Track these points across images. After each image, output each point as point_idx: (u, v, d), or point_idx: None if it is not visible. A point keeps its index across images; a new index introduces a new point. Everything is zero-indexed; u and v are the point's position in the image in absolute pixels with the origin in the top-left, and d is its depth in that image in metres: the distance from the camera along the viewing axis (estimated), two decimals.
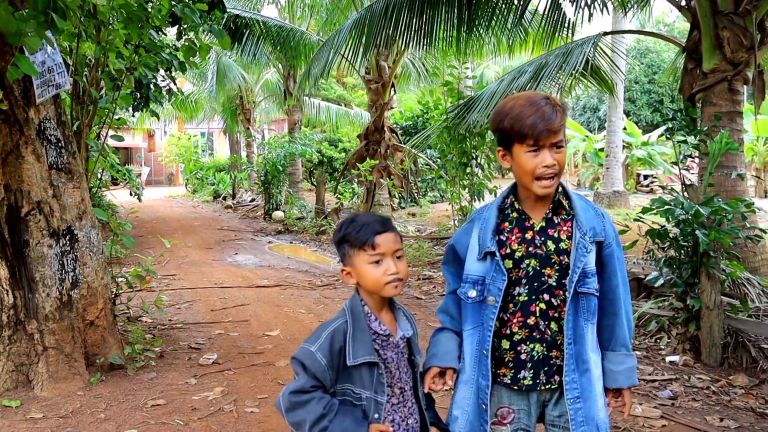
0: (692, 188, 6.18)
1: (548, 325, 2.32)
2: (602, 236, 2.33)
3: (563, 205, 2.36)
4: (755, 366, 5.56)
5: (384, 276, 2.23)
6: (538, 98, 2.27)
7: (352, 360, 2.18)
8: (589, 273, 2.29)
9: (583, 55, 8.79)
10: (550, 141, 2.25)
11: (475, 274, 2.38)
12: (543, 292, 2.32)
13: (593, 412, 2.30)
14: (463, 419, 2.38)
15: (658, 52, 36.10)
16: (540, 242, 2.32)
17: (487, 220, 2.40)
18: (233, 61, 23.13)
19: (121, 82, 6.03)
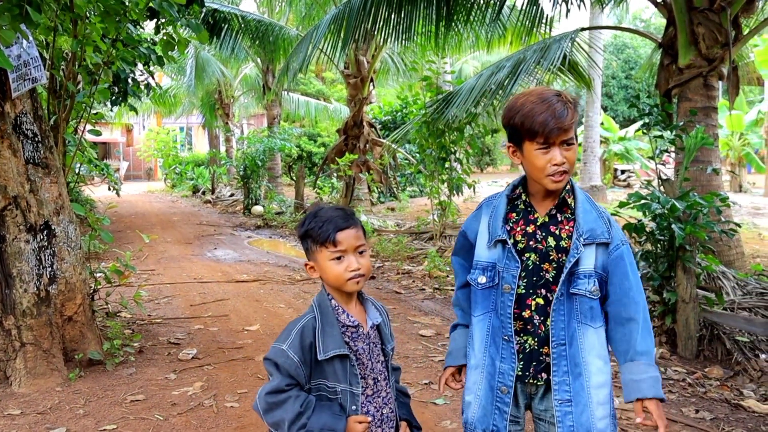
0: (668, 183, 6.24)
1: (543, 320, 2.31)
2: (604, 238, 2.29)
3: (568, 203, 2.35)
4: (730, 358, 5.63)
5: (345, 272, 2.23)
6: (550, 95, 2.26)
7: (322, 354, 2.18)
8: (581, 274, 2.28)
9: (561, 50, 8.84)
10: (561, 139, 2.23)
11: (485, 261, 2.39)
12: (540, 287, 2.32)
13: (585, 420, 2.26)
14: (476, 404, 2.39)
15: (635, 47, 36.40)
16: (541, 237, 2.33)
17: (497, 208, 2.41)
18: (212, 55, 23.04)
19: (99, 77, 5.99)
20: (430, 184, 11.68)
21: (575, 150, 2.28)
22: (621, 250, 2.32)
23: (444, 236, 11.61)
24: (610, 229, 2.33)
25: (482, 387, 2.38)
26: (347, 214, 2.32)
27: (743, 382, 5.25)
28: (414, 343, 6.25)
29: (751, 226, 14.27)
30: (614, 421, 2.33)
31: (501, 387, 2.33)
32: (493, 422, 2.34)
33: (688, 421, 4.45)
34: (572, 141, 2.26)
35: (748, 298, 6.33)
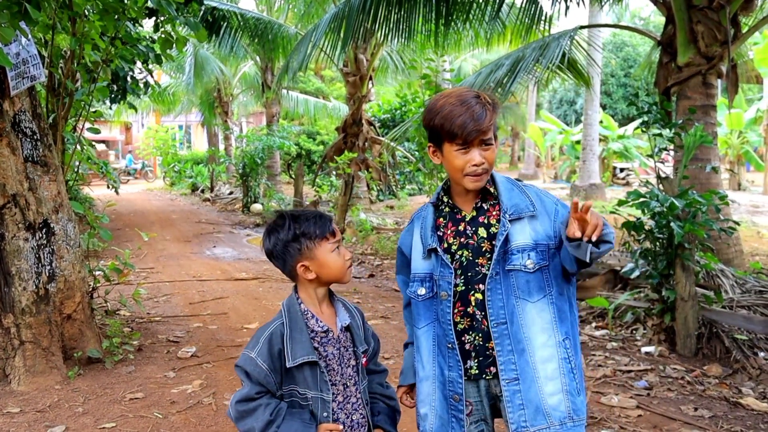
0: (667, 181, 6.24)
1: (484, 315, 2.28)
2: (529, 211, 2.27)
3: (490, 192, 2.35)
4: (729, 356, 5.64)
5: (345, 261, 2.29)
6: (469, 97, 2.26)
7: (291, 361, 2.18)
8: (514, 250, 2.25)
9: (560, 48, 8.84)
10: (479, 139, 2.25)
11: (422, 272, 2.38)
12: (478, 282, 2.29)
13: (533, 396, 2.21)
14: (433, 415, 2.37)
15: (634, 45, 36.39)
16: (471, 232, 2.32)
17: (425, 219, 2.41)
18: (211, 53, 23.00)
19: (98, 74, 5.99)
20: (429, 182, 11.69)
21: (494, 149, 2.28)
22: (561, 212, 2.30)
23: None
24: (534, 201, 2.31)
25: (436, 398, 2.36)
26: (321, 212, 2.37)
27: (742, 380, 5.26)
28: None
29: (750, 224, 14.28)
30: (571, 398, 2.24)
31: (453, 395, 2.31)
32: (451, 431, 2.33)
33: (687, 419, 4.45)
34: (490, 141, 2.26)
35: (747, 297, 6.33)
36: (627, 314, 6.58)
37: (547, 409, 2.21)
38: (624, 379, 5.24)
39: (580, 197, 19.72)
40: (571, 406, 2.24)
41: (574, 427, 2.23)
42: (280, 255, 2.29)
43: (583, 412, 2.28)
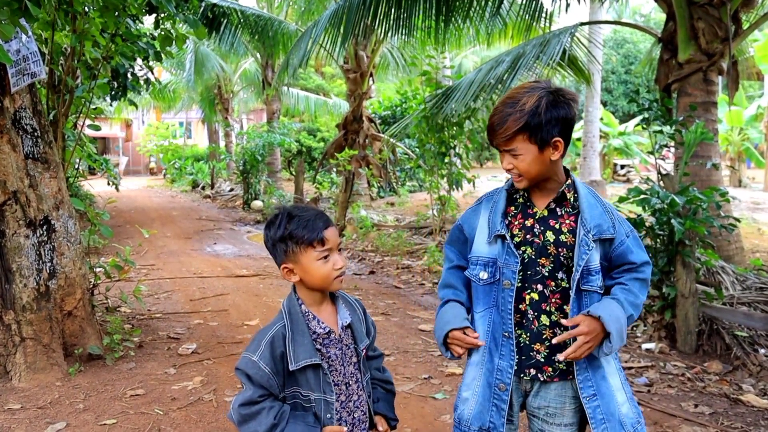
0: (668, 178, 6.24)
1: (537, 316, 2.29)
2: (610, 233, 2.29)
3: (567, 197, 2.33)
4: (729, 353, 5.64)
5: (333, 271, 2.21)
6: (506, 100, 2.27)
7: (293, 364, 2.14)
8: (592, 270, 2.27)
9: (561, 45, 8.83)
10: (503, 148, 2.27)
11: (486, 256, 2.36)
12: (536, 282, 2.29)
13: (613, 408, 2.27)
14: (473, 400, 2.36)
15: (635, 42, 36.35)
16: (539, 231, 2.31)
17: (496, 203, 2.39)
18: (211, 50, 23.02)
19: (98, 71, 5.99)
20: (430, 179, 11.67)
21: (523, 159, 2.25)
22: (627, 244, 2.33)
23: (443, 231, 11.60)
24: (615, 223, 2.32)
25: (480, 383, 2.36)
26: (322, 212, 2.28)
27: (742, 376, 5.26)
28: (413, 338, 6.26)
29: (751, 221, 14.27)
30: (635, 404, 2.34)
31: (499, 384, 2.31)
32: (490, 419, 2.32)
33: (687, 415, 4.46)
34: (514, 152, 2.25)
35: (747, 293, 6.34)
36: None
37: (622, 418, 2.28)
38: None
39: None
40: (636, 410, 2.34)
41: (642, 429, 2.34)
42: (271, 252, 2.28)
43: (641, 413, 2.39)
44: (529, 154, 2.23)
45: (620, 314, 2.23)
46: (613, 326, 2.18)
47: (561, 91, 2.26)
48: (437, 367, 5.43)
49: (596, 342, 2.21)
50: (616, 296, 2.29)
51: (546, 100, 2.21)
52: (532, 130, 2.20)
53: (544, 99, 2.21)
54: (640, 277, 2.35)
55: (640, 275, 2.35)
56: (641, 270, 2.35)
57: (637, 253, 2.34)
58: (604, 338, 2.22)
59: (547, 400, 2.33)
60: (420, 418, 4.36)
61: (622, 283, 2.33)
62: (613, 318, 2.19)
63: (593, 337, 2.19)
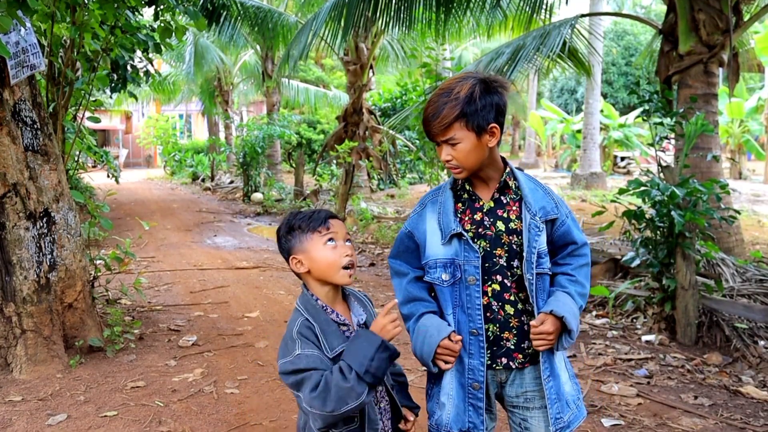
0: (668, 170, 6.24)
1: (502, 306, 2.31)
2: (554, 214, 2.35)
3: (509, 185, 2.35)
4: (729, 345, 5.65)
5: (340, 258, 2.20)
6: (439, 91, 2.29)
7: (330, 352, 2.12)
8: (542, 253, 2.31)
9: (561, 37, 8.82)
10: (440, 138, 2.28)
11: (444, 257, 2.34)
12: (495, 272, 2.31)
13: (561, 388, 2.34)
14: (450, 404, 2.35)
15: (635, 34, 36.27)
16: (489, 223, 2.32)
17: (444, 203, 2.38)
18: (211, 42, 22.98)
19: (98, 63, 5.98)
20: (430, 170, 11.67)
21: (461, 149, 2.25)
22: (568, 223, 2.40)
23: None
24: (557, 204, 2.38)
25: (453, 386, 2.35)
26: (329, 210, 2.32)
27: (742, 368, 5.27)
28: None
29: (751, 213, 14.28)
30: (575, 381, 2.44)
31: (473, 383, 2.31)
32: (468, 420, 2.32)
33: (687, 407, 4.46)
34: (453, 141, 2.26)
35: (747, 285, 6.34)
36: (627, 303, 6.59)
37: (567, 397, 2.36)
38: (624, 368, 5.25)
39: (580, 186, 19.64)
40: (576, 387, 2.43)
41: (581, 405, 2.43)
42: (282, 249, 2.29)
43: (580, 390, 2.48)
44: (467, 141, 2.24)
45: (575, 309, 2.32)
46: (574, 323, 2.27)
47: (492, 78, 2.29)
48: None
49: (556, 337, 2.28)
50: (567, 289, 2.35)
51: (479, 87, 2.23)
52: (468, 117, 2.22)
53: (477, 86, 2.23)
54: (583, 263, 2.43)
55: (583, 260, 2.43)
56: (583, 253, 2.43)
57: (577, 234, 2.42)
58: (562, 332, 2.29)
59: (524, 385, 2.36)
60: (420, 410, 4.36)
61: (568, 273, 2.40)
62: (572, 315, 2.27)
63: (555, 335, 2.27)
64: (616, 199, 6.37)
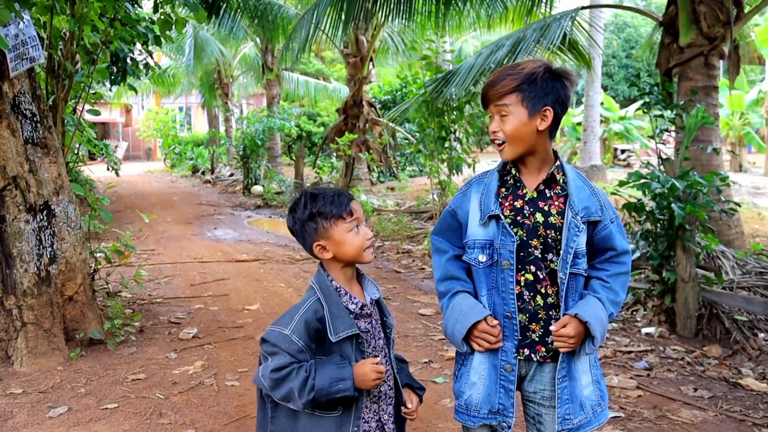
0: (668, 162, 6.23)
1: (533, 296, 2.31)
2: (597, 216, 2.32)
3: (557, 179, 2.34)
4: (729, 337, 5.65)
5: (364, 241, 2.24)
6: (507, 65, 2.32)
7: (334, 336, 2.15)
8: (579, 254, 2.29)
9: (561, 29, 8.79)
10: (493, 105, 2.30)
11: (483, 239, 2.35)
12: (529, 263, 2.30)
13: (577, 390, 2.32)
14: (481, 384, 2.36)
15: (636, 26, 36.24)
16: (528, 212, 2.32)
17: (488, 185, 2.39)
18: (211, 34, 22.91)
19: (97, 56, 5.97)
20: (430, 163, 11.64)
21: (509, 122, 2.27)
22: (610, 229, 2.36)
23: None
24: (603, 207, 2.35)
25: (485, 366, 2.35)
26: (341, 189, 2.34)
27: (742, 360, 5.28)
28: (414, 322, 6.27)
29: (751, 205, 14.27)
30: (599, 387, 2.40)
31: (505, 365, 2.32)
32: (499, 401, 2.33)
33: (687, 399, 4.47)
34: (504, 112, 2.28)
35: (747, 278, 6.34)
36: (627, 295, 6.59)
37: (583, 400, 2.34)
38: (624, 360, 5.26)
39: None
40: (599, 393, 2.39)
41: (602, 412, 2.39)
42: (300, 233, 2.29)
43: (606, 394, 2.44)
44: (517, 115, 2.26)
45: (603, 316, 2.29)
46: (598, 330, 2.24)
47: (562, 68, 2.31)
48: (437, 351, 5.45)
49: (579, 342, 2.27)
50: (599, 294, 2.33)
51: (545, 69, 2.27)
52: (525, 93, 2.24)
53: (543, 68, 2.27)
54: (621, 271, 2.38)
55: (621, 269, 2.39)
56: (622, 261, 2.39)
57: (619, 240, 2.37)
58: (586, 337, 2.27)
59: (543, 383, 2.36)
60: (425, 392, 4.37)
61: (603, 279, 2.36)
62: (598, 321, 2.25)
63: (577, 340, 2.26)
64: (617, 191, 6.37)
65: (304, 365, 2.14)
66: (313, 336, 2.16)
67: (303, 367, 2.13)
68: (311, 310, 2.19)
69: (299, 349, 2.14)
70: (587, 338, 2.27)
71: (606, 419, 2.40)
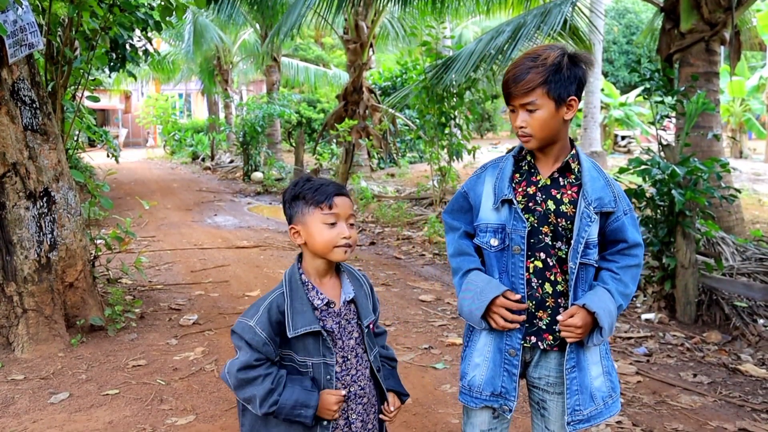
0: (669, 148, 6.23)
1: (541, 284, 2.31)
2: (611, 207, 2.30)
3: (571, 168, 2.34)
4: (728, 323, 5.67)
5: (337, 238, 2.19)
6: (526, 55, 2.28)
7: (292, 332, 2.14)
8: (590, 244, 2.28)
9: (562, 14, 8.76)
10: (519, 102, 2.26)
11: (495, 223, 2.35)
12: (539, 250, 2.31)
13: (587, 381, 2.31)
14: (485, 366, 2.37)
15: (637, 12, 36.09)
16: (541, 200, 2.32)
17: (503, 170, 2.38)
18: (210, 20, 22.84)
19: (96, 42, 5.95)
20: (430, 149, 11.64)
21: (538, 116, 2.25)
22: (623, 220, 2.34)
23: (444, 202, 11.60)
24: (617, 198, 2.33)
25: (491, 349, 2.36)
26: (341, 184, 2.29)
27: (741, 346, 5.29)
28: (414, 308, 6.28)
29: (751, 192, 14.27)
30: (611, 378, 2.38)
31: (509, 349, 2.33)
32: (501, 384, 2.34)
33: (686, 384, 4.49)
34: (531, 107, 2.25)
35: (747, 264, 6.35)
36: None
37: (593, 391, 2.33)
38: (624, 346, 5.27)
39: None
40: (611, 384, 2.38)
41: (613, 403, 2.38)
42: (286, 213, 2.28)
43: (618, 386, 2.42)
44: (545, 109, 2.24)
45: (612, 308, 2.28)
46: (606, 321, 2.24)
47: (579, 52, 2.30)
48: (437, 337, 5.46)
49: (586, 333, 2.26)
50: (608, 286, 2.32)
51: (567, 58, 2.25)
52: (552, 85, 2.22)
53: (565, 56, 2.25)
54: (632, 264, 2.36)
55: (633, 261, 2.36)
56: (634, 254, 2.36)
57: (631, 233, 2.35)
58: (594, 328, 2.27)
59: (548, 369, 2.36)
60: (420, 388, 4.39)
61: (613, 271, 2.35)
62: (606, 312, 2.24)
63: (585, 330, 2.25)
64: (617, 177, 6.36)
65: (271, 373, 2.13)
66: (276, 329, 2.16)
67: (270, 376, 2.13)
68: (274, 303, 2.19)
69: (263, 341, 2.13)
70: (595, 329, 2.27)
71: (617, 411, 2.39)
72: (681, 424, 3.90)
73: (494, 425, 2.42)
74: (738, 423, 3.92)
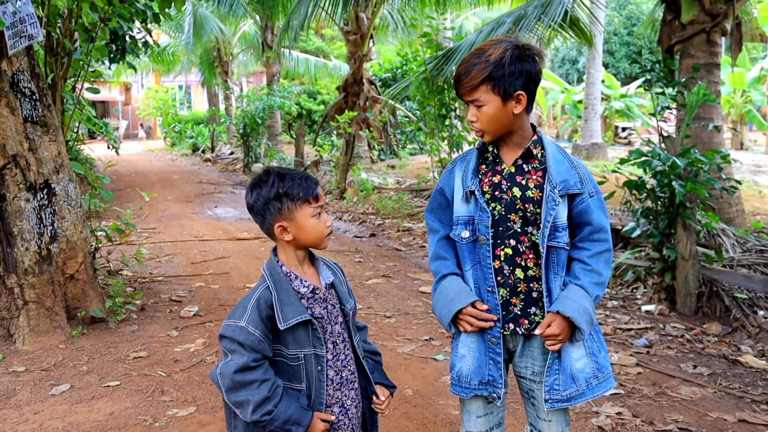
0: (669, 140, 6.22)
1: (513, 270, 2.33)
2: (577, 189, 2.30)
3: (534, 153, 2.35)
4: (728, 315, 5.67)
5: (325, 229, 2.24)
6: (474, 51, 2.30)
7: (283, 324, 2.13)
8: (559, 227, 2.29)
9: (562, 6, 8.74)
10: (467, 98, 2.30)
11: (465, 215, 2.38)
12: (509, 237, 2.32)
13: (567, 362, 2.32)
14: (470, 356, 2.39)
15: (638, 3, 35.99)
16: (506, 187, 2.33)
17: (469, 162, 2.41)
18: (210, 12, 22.82)
19: (96, 34, 5.94)
20: (431, 141, 11.64)
21: (485, 112, 2.28)
22: (587, 202, 2.33)
23: None
24: (583, 180, 2.33)
25: (474, 339, 2.38)
26: (307, 173, 2.30)
27: (741, 338, 5.29)
28: (414, 300, 6.29)
29: (752, 183, 14.27)
30: (596, 360, 2.36)
31: (491, 338, 2.35)
32: (488, 372, 2.36)
33: (686, 376, 4.49)
34: (478, 103, 2.28)
35: (747, 256, 6.35)
36: (627, 273, 6.60)
37: (575, 373, 2.32)
38: (624, 337, 5.27)
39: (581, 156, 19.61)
40: (595, 365, 2.36)
41: (599, 384, 2.36)
42: (260, 211, 2.24)
43: (607, 366, 2.40)
44: (491, 104, 2.26)
45: (587, 304, 2.28)
46: (583, 321, 2.24)
47: (527, 46, 2.28)
48: (438, 328, 5.46)
49: (567, 336, 2.28)
50: (580, 281, 2.31)
51: (511, 53, 2.23)
52: (495, 81, 2.23)
53: (509, 51, 2.24)
54: (602, 250, 2.34)
55: (602, 247, 2.34)
56: (602, 238, 2.35)
57: (597, 215, 2.34)
58: (574, 329, 2.27)
59: (533, 358, 2.39)
60: (421, 379, 4.40)
61: (583, 261, 2.34)
62: (581, 312, 2.25)
63: (565, 335, 2.27)
64: (617, 169, 6.36)
65: (269, 380, 2.12)
66: (268, 324, 2.14)
67: (268, 383, 2.11)
68: (262, 299, 2.17)
69: (258, 339, 2.11)
70: (575, 330, 2.28)
71: (606, 391, 2.37)
72: (681, 415, 3.91)
73: (489, 410, 2.45)
74: (738, 414, 3.93)
